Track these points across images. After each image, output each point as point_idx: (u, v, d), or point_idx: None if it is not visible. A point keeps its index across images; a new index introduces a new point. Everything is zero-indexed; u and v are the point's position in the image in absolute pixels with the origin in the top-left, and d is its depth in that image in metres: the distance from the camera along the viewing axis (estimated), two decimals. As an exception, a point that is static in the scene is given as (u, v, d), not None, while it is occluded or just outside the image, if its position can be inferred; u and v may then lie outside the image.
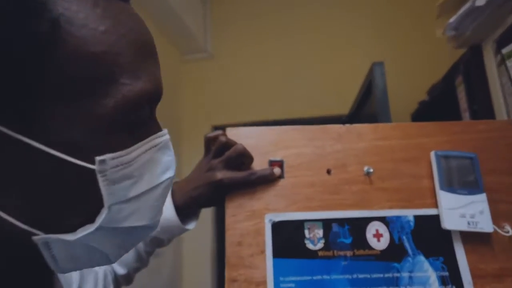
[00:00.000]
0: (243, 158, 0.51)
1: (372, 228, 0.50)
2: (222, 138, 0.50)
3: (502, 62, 0.72)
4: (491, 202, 0.50)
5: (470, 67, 0.88)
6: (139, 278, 0.61)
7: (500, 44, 0.71)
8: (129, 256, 0.55)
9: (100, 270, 0.52)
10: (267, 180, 0.51)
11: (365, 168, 0.52)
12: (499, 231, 0.48)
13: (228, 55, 2.09)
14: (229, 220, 0.51)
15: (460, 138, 0.54)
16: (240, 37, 2.09)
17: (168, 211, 0.52)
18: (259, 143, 0.55)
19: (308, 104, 1.81)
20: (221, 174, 0.50)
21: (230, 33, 2.11)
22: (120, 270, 0.55)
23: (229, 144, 0.51)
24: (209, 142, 0.52)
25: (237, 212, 0.51)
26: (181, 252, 1.87)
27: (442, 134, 0.55)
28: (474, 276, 0.47)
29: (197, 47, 2.11)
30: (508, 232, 0.48)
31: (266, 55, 2.00)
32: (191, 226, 0.55)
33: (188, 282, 1.87)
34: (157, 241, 0.56)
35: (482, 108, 0.82)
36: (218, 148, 0.51)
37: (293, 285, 0.47)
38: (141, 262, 0.57)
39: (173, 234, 0.54)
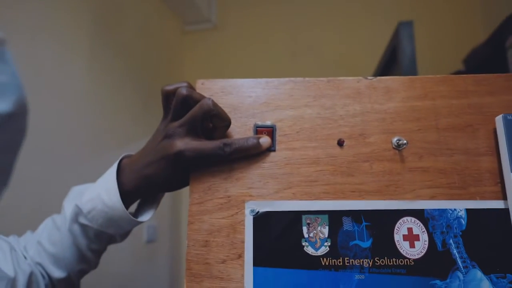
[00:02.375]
0: (215, 120, 0.35)
1: (402, 227, 0.34)
2: (182, 91, 0.34)
3: None
4: None
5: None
6: (132, 265, 0.47)
7: None
8: (68, 255, 0.41)
9: (22, 274, 0.38)
10: (250, 154, 0.35)
11: (395, 139, 0.36)
12: None
13: (233, 26, 1.90)
14: (193, 209, 0.35)
15: (539, 98, 0.37)
16: (247, 7, 1.89)
17: (110, 196, 0.37)
18: (241, 101, 0.38)
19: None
20: (181, 144, 0.34)
21: (235, 2, 1.91)
22: (57, 272, 0.41)
23: (193, 99, 0.35)
24: (168, 98, 0.36)
25: (205, 198, 0.35)
26: (179, 238, 1.75)
27: None
28: None
29: (200, 17, 1.93)
30: None
31: (274, 26, 1.80)
32: (145, 217, 0.40)
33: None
34: (104, 236, 0.41)
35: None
36: (178, 106, 0.35)
37: (281, 307, 0.32)
38: (86, 262, 0.43)
39: (121, 227, 0.39)
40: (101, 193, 0.38)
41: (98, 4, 1.26)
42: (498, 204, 0.33)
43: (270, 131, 0.37)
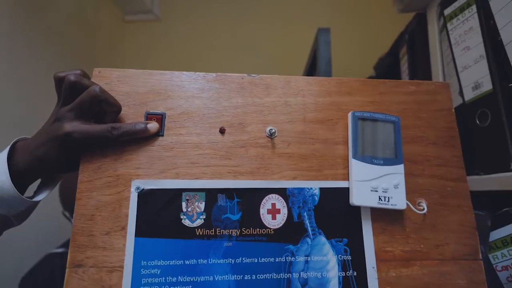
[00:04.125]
0: (104, 106, 0.38)
1: (267, 203, 0.40)
2: (71, 77, 0.37)
3: (444, 27, 0.64)
4: (409, 175, 0.42)
5: (414, 36, 0.81)
6: None
7: (444, 5, 0.63)
8: None
9: None
10: (138, 137, 0.39)
11: (268, 129, 0.42)
12: (413, 208, 0.41)
13: (176, 19, 1.90)
14: (82, 187, 0.38)
15: (387, 99, 0.46)
16: (190, 1, 1.90)
17: (0, 174, 0.38)
18: (135, 90, 0.42)
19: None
20: (69, 126, 0.37)
21: (180, -6, 1.91)
22: None
23: (82, 85, 0.37)
24: (60, 83, 0.39)
25: (95, 176, 0.39)
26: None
27: (367, 93, 0.46)
28: (380, 259, 0.39)
29: (142, 7, 1.89)
30: (423, 209, 0.41)
31: (216, 23, 1.84)
32: (39, 197, 0.42)
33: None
34: None
35: (423, 79, 0.75)
36: (67, 91, 0.38)
37: (157, 271, 0.36)
38: None
39: (13, 206, 0.40)
40: None
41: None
42: (344, 184, 0.41)
43: (160, 118, 0.41)
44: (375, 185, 0.40)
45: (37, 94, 1.25)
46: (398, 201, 0.40)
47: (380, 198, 0.39)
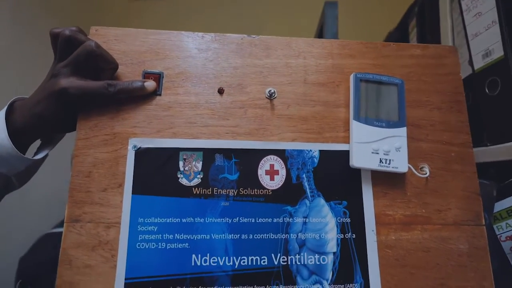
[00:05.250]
0: (100, 62, 0.38)
1: (266, 163, 0.39)
2: (66, 32, 0.36)
3: (455, -6, 0.61)
4: (411, 139, 0.41)
5: (424, 8, 0.78)
6: None
7: (456, -29, 0.60)
8: None
9: None
10: (135, 95, 0.39)
11: (267, 90, 0.41)
12: (415, 172, 0.39)
13: (182, -2, 1.87)
14: (79, 144, 0.38)
15: (391, 62, 0.44)
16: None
17: (-2, 132, 0.38)
18: (132, 49, 0.41)
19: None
20: (65, 82, 0.36)
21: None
22: None
23: (77, 40, 0.37)
24: (55, 40, 0.38)
25: (92, 134, 0.38)
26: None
27: (370, 56, 0.44)
28: (379, 223, 0.38)
29: (148, -15, 1.86)
30: (425, 173, 0.40)
31: (223, 0, 1.81)
32: (38, 156, 0.42)
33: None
34: None
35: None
36: (62, 46, 0.37)
37: (154, 228, 0.36)
38: None
39: (13, 165, 0.40)
40: None
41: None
42: (344, 147, 0.40)
43: (157, 77, 0.40)
44: (376, 147, 0.39)
45: (39, 71, 1.25)
46: (400, 164, 0.39)
47: (381, 161, 0.39)
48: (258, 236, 0.37)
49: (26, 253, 0.93)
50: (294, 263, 0.37)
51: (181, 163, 0.38)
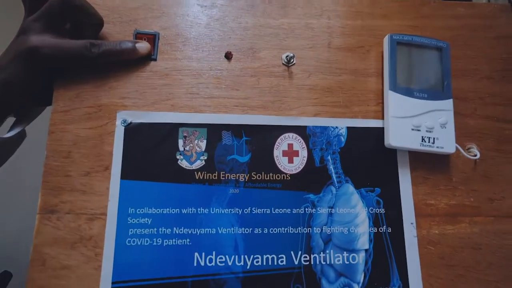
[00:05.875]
0: (80, 15, 0.30)
1: (283, 143, 0.33)
2: None
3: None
4: (456, 115, 0.34)
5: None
6: None
7: None
8: None
9: None
10: (124, 59, 0.32)
11: (284, 55, 0.34)
12: (464, 153, 0.33)
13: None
14: (55, 117, 0.31)
15: (431, 23, 0.37)
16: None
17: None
18: (122, 4, 0.34)
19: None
20: (36, 39, 0.29)
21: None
22: None
23: (51, -13, 0.30)
24: None
25: (72, 106, 0.31)
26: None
27: (406, 16, 0.37)
28: (419, 215, 0.32)
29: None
30: (475, 155, 0.33)
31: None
32: (8, 134, 0.35)
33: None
34: None
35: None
36: None
37: (148, 220, 0.30)
38: None
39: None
40: None
41: None
42: (376, 123, 0.34)
43: (152, 38, 0.33)
44: (417, 123, 0.32)
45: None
46: (446, 143, 0.32)
47: (423, 139, 0.32)
48: (275, 230, 0.31)
49: None
50: (318, 262, 0.30)
51: (180, 142, 0.32)
